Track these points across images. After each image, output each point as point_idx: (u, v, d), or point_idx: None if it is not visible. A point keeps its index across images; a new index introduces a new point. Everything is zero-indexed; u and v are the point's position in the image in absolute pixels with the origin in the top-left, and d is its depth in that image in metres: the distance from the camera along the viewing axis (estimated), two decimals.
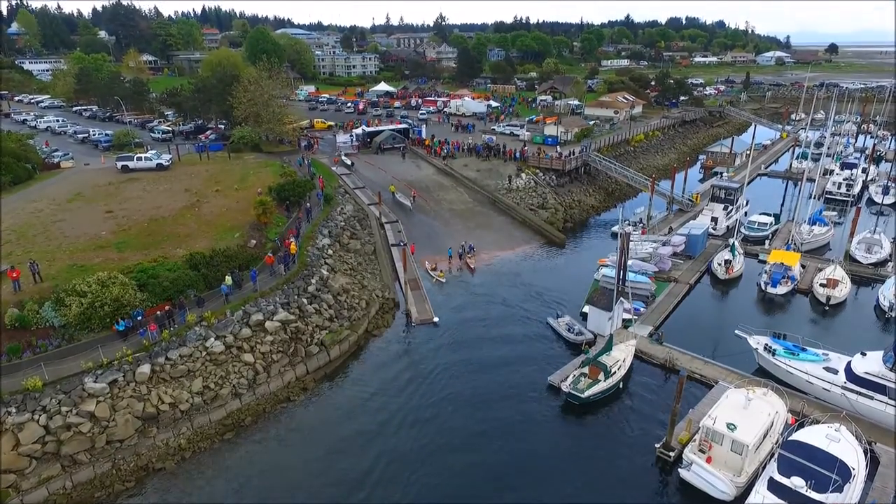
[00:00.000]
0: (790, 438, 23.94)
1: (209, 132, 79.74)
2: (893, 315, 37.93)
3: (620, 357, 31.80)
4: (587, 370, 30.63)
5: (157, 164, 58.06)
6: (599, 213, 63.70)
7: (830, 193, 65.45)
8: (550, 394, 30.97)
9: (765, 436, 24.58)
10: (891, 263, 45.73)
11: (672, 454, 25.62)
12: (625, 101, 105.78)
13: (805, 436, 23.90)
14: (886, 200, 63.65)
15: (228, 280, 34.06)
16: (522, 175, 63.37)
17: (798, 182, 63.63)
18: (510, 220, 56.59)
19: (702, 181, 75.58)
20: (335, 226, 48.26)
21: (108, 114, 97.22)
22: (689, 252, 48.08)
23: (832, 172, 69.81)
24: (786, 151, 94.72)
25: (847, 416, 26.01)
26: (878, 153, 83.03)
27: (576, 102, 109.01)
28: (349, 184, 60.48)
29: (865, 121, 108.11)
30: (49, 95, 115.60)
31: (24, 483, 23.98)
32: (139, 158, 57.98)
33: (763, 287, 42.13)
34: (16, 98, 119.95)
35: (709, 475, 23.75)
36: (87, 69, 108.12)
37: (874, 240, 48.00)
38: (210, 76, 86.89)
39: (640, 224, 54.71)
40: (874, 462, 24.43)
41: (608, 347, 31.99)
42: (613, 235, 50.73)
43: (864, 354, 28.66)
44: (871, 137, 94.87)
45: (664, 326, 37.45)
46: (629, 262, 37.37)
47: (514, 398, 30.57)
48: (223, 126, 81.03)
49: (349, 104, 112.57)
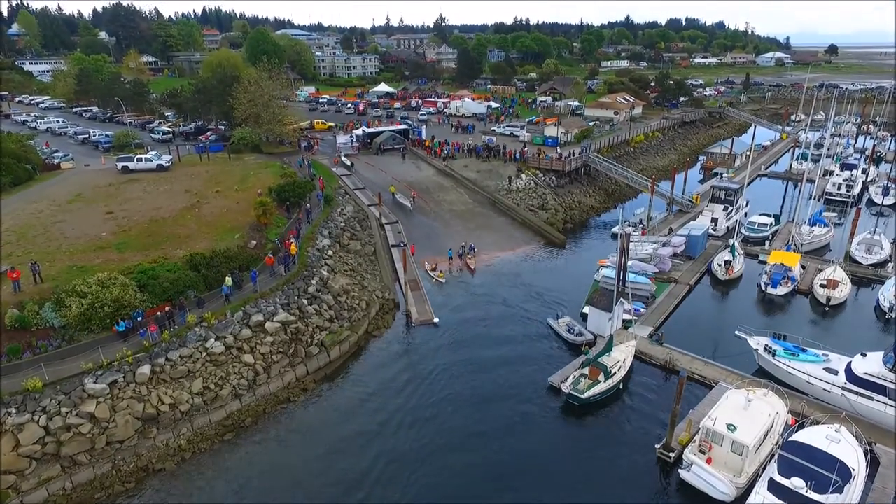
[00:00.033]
0: (790, 439, 23.94)
1: (209, 133, 79.84)
2: (893, 316, 37.92)
3: (620, 358, 31.79)
4: (587, 371, 30.64)
5: (158, 165, 58.17)
6: (599, 214, 63.70)
7: (830, 194, 65.43)
8: (550, 394, 30.97)
9: (765, 436, 24.58)
10: (891, 264, 45.73)
11: (672, 455, 25.63)
12: (625, 102, 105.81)
13: (805, 436, 23.90)
14: (886, 201, 63.68)
15: (229, 281, 34.07)
16: (522, 176, 63.40)
17: (798, 183, 63.63)
18: (510, 221, 56.60)
19: (702, 182, 75.61)
20: (335, 227, 48.27)
21: (109, 115, 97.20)
22: (690, 253, 48.11)
23: (832, 173, 69.79)
24: (786, 152, 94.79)
25: (847, 417, 25.98)
26: (878, 154, 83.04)
27: (576, 103, 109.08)
28: (349, 185, 60.50)
29: (865, 122, 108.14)
30: (49, 96, 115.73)
31: (24, 484, 23.98)
32: (139, 159, 58.08)
33: (763, 288, 42.14)
34: (16, 99, 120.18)
35: (709, 476, 23.76)
36: (88, 70, 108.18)
37: (874, 241, 48.01)
38: (210, 77, 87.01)
39: (640, 225, 54.70)
40: (874, 463, 24.42)
41: (608, 348, 31.98)
42: (613, 236, 50.70)
43: (865, 355, 28.65)
44: (871, 138, 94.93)
45: (664, 327, 37.45)
46: (629, 263, 37.36)
47: (514, 399, 30.58)
48: (223, 127, 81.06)
49: (349, 105, 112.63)
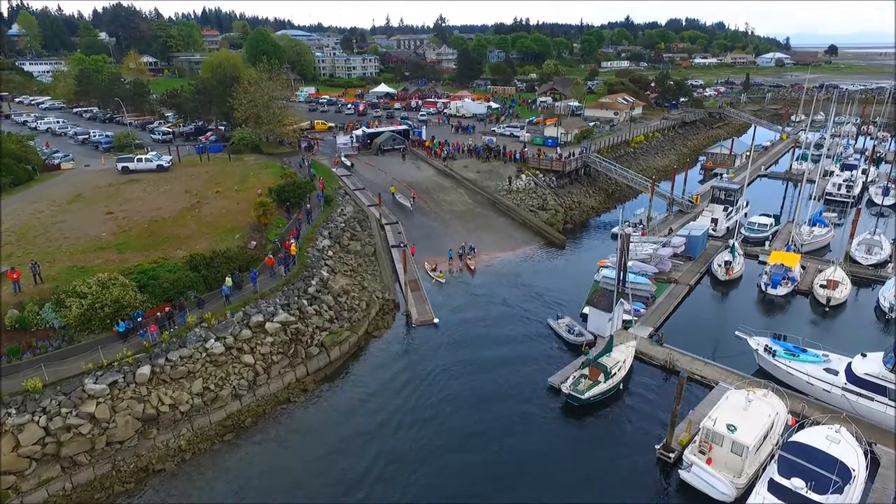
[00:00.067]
0: (790, 440, 23.94)
1: (209, 133, 79.89)
2: (893, 316, 37.91)
3: (620, 358, 31.79)
4: (587, 371, 30.64)
5: (158, 166, 58.19)
6: (599, 215, 63.69)
7: (830, 195, 65.43)
8: (550, 395, 30.97)
9: (765, 437, 24.58)
10: (891, 265, 45.73)
11: (672, 455, 25.62)
12: (625, 103, 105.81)
13: (805, 437, 23.90)
14: (886, 202, 63.69)
15: (229, 281, 34.07)
16: (522, 176, 63.40)
17: (798, 183, 63.66)
18: (510, 222, 56.60)
19: (702, 182, 75.63)
20: (335, 227, 48.27)
21: (109, 115, 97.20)
22: (690, 253, 48.11)
23: (832, 174, 69.80)
24: (786, 153, 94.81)
25: (847, 418, 25.99)
26: (878, 154, 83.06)
27: (576, 104, 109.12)
28: (349, 185, 60.51)
29: (865, 122, 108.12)
30: (49, 97, 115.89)
31: (24, 484, 23.97)
32: (139, 160, 58.11)
33: (763, 288, 42.14)
34: (16, 99, 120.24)
35: (709, 476, 23.75)
36: (88, 70, 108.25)
37: (874, 241, 48.02)
38: (210, 77, 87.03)
39: (640, 225, 54.72)
40: (874, 463, 24.42)
41: (608, 349, 31.98)
42: (613, 237, 50.69)
43: (865, 356, 28.64)
44: (871, 139, 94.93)
45: (664, 327, 37.45)
46: (629, 264, 37.35)
47: (514, 399, 30.58)
48: (223, 127, 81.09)
49: (349, 105, 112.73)
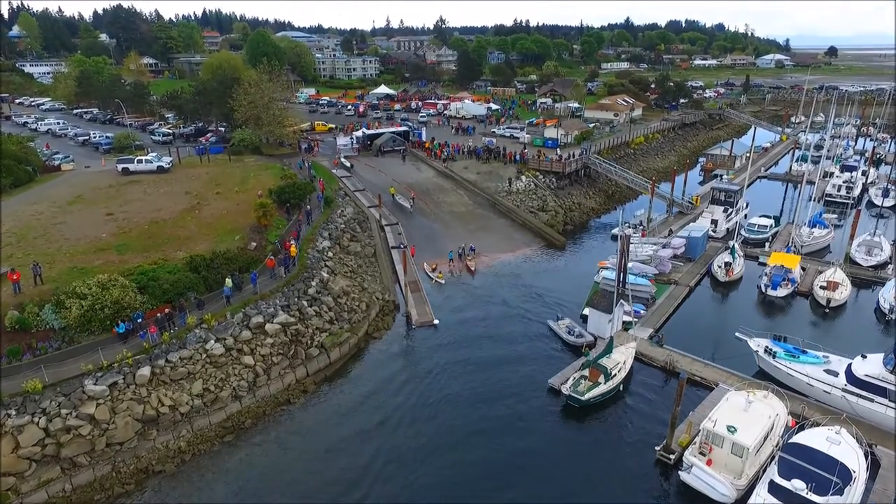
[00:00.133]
0: (790, 441, 23.93)
1: (209, 135, 79.89)
2: (894, 317, 37.90)
3: (621, 359, 31.78)
4: (587, 372, 30.63)
5: (158, 167, 58.22)
6: (599, 216, 63.68)
7: (830, 196, 65.42)
8: (550, 396, 30.96)
9: (765, 438, 24.57)
10: (891, 266, 45.73)
11: (672, 457, 25.61)
12: (625, 104, 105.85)
13: (805, 438, 23.88)
14: (886, 203, 63.67)
15: (229, 282, 34.09)
16: (522, 177, 63.41)
17: (798, 184, 63.67)
18: (510, 223, 56.60)
19: (702, 184, 75.65)
20: (335, 228, 48.27)
21: (109, 116, 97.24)
22: (690, 254, 48.10)
23: (832, 175, 69.78)
24: (786, 154, 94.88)
25: (847, 419, 25.97)
26: (878, 156, 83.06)
27: (576, 105, 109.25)
28: (349, 186, 60.53)
29: (865, 123, 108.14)
30: (50, 98, 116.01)
31: (24, 486, 23.94)
32: (140, 161, 58.15)
33: (763, 289, 42.14)
34: (16, 101, 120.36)
35: (709, 478, 23.73)
36: (88, 72, 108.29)
37: (874, 242, 48.01)
38: (210, 79, 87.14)
39: (640, 226, 54.72)
40: (875, 465, 24.40)
41: (608, 350, 31.98)
42: (613, 238, 50.70)
43: (865, 357, 28.62)
44: (871, 140, 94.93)
45: (664, 329, 37.43)
46: (629, 265, 37.32)
47: (514, 400, 30.55)
48: (223, 129, 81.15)
49: (349, 107, 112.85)
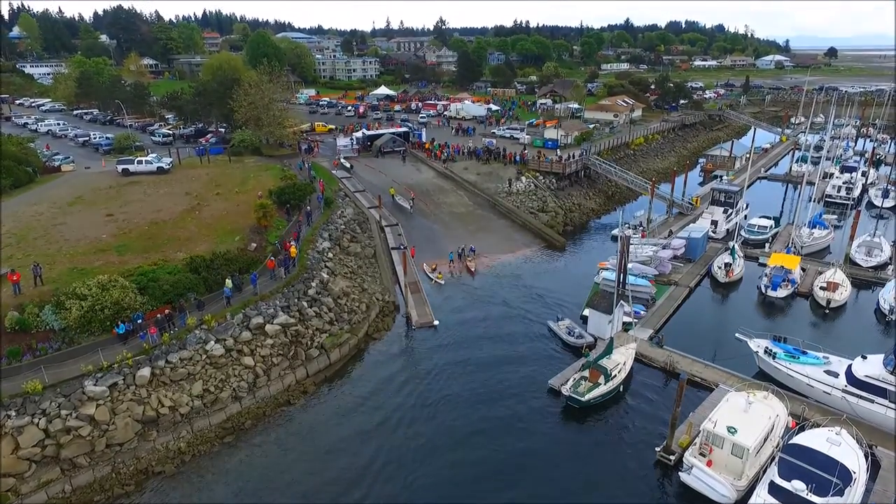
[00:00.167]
0: (791, 442, 23.92)
1: (210, 136, 79.85)
2: (894, 318, 37.90)
3: (621, 360, 31.76)
4: (587, 373, 30.62)
5: (158, 168, 58.22)
6: (599, 217, 63.70)
7: (830, 197, 65.43)
8: (550, 396, 30.95)
9: (765, 439, 24.56)
10: (891, 267, 45.73)
11: (672, 458, 25.60)
12: (624, 105, 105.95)
13: (806, 439, 23.87)
14: (886, 204, 63.61)
15: (229, 283, 34.09)
16: (522, 178, 63.43)
17: (798, 185, 63.70)
18: (510, 224, 56.61)
19: (702, 184, 75.69)
20: (335, 229, 48.27)
21: (109, 117, 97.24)
22: (690, 255, 48.09)
23: (832, 176, 69.83)
24: (785, 155, 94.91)
25: (848, 420, 25.98)
26: (878, 156, 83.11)
27: (576, 106, 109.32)
28: (349, 187, 60.54)
29: (865, 124, 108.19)
30: (50, 99, 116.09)
31: (24, 487, 23.92)
32: (140, 162, 58.16)
33: (763, 290, 42.15)
34: (17, 102, 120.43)
35: (709, 479, 23.72)
36: (88, 73, 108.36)
37: (874, 243, 48.01)
38: (211, 80, 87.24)
39: (640, 227, 54.71)
40: (875, 466, 24.38)
41: (608, 351, 31.98)
42: (613, 239, 50.71)
43: (865, 358, 28.61)
44: (871, 141, 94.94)
45: (664, 330, 37.42)
46: (629, 266, 37.31)
47: (514, 400, 30.54)
48: (224, 129, 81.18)
49: (349, 108, 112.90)
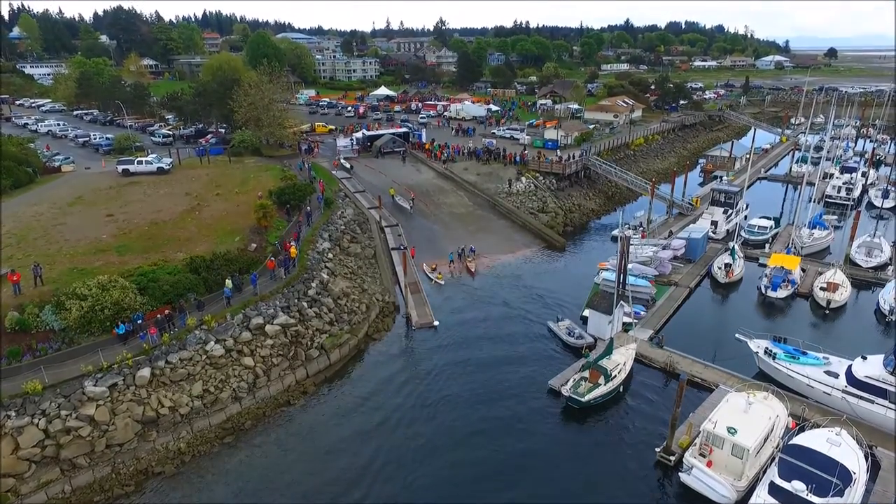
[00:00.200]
0: (791, 442, 23.93)
1: (210, 136, 79.86)
2: (894, 319, 37.90)
3: (621, 361, 31.75)
4: (587, 374, 30.61)
5: (158, 168, 58.23)
6: (599, 217, 63.71)
7: (830, 197, 65.45)
8: (550, 397, 30.94)
9: (765, 440, 24.56)
10: (891, 267, 45.72)
11: (672, 458, 25.60)
12: (624, 105, 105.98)
13: (806, 440, 23.88)
14: (886, 204, 63.57)
15: (229, 283, 34.09)
16: (522, 179, 63.44)
17: (798, 186, 63.69)
18: (510, 224, 56.61)
19: (702, 185, 75.69)
20: (335, 229, 48.27)
21: (109, 118, 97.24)
22: (690, 256, 48.09)
23: (832, 176, 69.85)
24: (785, 155, 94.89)
25: (848, 420, 26.00)
26: (878, 157, 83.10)
27: (576, 106, 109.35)
28: (349, 188, 60.54)
29: (865, 125, 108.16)
30: (50, 99, 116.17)
31: (24, 487, 23.92)
32: (140, 162, 58.17)
33: (763, 291, 42.15)
34: (17, 102, 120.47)
35: (709, 479, 23.71)
36: (88, 73, 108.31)
37: (874, 243, 48.03)
38: (211, 80, 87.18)
39: (640, 228, 54.73)
40: (875, 466, 24.38)
41: (608, 351, 31.96)
42: (613, 239, 50.72)
43: (865, 358, 28.63)
44: (871, 141, 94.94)
45: (664, 330, 37.42)
46: (629, 266, 37.32)
47: (514, 401, 30.54)
48: (224, 130, 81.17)
49: (349, 108, 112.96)
